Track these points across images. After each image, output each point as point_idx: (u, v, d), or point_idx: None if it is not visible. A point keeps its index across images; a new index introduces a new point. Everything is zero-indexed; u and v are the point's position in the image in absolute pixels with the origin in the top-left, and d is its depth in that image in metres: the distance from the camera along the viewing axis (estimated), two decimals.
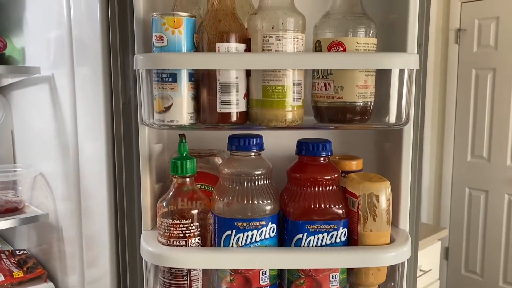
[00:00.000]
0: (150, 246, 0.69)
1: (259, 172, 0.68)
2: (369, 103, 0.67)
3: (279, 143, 0.76)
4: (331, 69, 0.66)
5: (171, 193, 0.69)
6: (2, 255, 1.15)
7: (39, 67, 1.00)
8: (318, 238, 0.66)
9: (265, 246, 0.67)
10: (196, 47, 0.67)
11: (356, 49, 0.65)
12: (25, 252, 1.18)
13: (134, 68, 0.67)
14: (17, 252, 1.18)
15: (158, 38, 0.64)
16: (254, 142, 0.68)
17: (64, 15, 0.92)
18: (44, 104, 1.03)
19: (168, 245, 0.68)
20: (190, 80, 0.66)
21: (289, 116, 0.66)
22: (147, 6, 0.70)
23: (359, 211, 0.67)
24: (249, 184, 0.68)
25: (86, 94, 0.91)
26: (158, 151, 0.77)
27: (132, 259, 0.82)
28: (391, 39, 0.72)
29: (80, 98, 0.93)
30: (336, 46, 0.66)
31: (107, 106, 0.86)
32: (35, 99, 1.08)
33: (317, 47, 0.68)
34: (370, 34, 0.67)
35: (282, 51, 0.64)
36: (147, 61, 0.65)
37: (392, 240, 0.69)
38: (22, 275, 1.06)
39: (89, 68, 0.89)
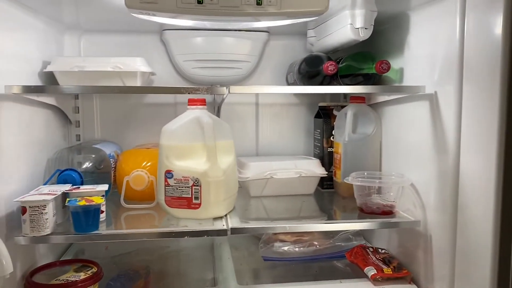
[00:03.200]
0: None
1: None
2: None
3: None
4: None
5: None
6: (367, 250, 1.31)
7: (424, 86, 1.09)
8: None
9: None
10: None
11: None
12: (386, 251, 1.31)
13: None
14: (379, 250, 1.32)
15: None
16: None
17: (456, 35, 0.97)
18: (421, 119, 1.12)
19: None
20: None
21: None
22: None
23: None
24: None
25: (474, 110, 0.93)
26: None
27: None
28: None
29: (466, 115, 0.96)
30: None
31: (502, 124, 0.86)
32: (410, 114, 1.19)
33: None
34: None
35: None
36: None
37: None
38: (390, 272, 1.17)
39: (480, 86, 0.91)
